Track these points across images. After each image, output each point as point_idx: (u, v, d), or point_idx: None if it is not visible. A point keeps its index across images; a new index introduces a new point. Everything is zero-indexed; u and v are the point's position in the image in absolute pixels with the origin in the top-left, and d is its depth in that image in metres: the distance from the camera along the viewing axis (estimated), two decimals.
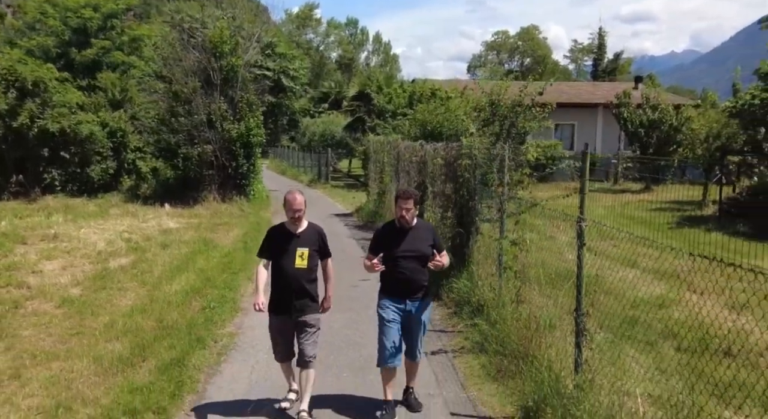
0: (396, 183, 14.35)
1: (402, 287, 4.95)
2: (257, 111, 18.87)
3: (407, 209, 4.94)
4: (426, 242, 5.04)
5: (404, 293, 4.96)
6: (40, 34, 23.37)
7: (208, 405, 5.27)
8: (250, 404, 5.23)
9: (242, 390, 5.59)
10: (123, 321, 7.28)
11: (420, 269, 4.98)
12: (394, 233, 5.05)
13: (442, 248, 5.20)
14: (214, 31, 18.65)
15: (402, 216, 4.96)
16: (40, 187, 18.13)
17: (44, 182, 18.26)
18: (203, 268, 10.19)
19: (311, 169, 34.56)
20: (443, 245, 5.23)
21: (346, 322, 7.58)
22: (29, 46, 22.36)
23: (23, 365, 5.98)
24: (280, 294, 4.97)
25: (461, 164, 8.91)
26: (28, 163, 17.96)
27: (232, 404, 5.28)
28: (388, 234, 5.09)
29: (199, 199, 18.12)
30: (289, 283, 4.92)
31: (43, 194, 18.01)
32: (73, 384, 5.49)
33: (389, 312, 4.97)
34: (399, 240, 4.98)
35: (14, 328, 7.09)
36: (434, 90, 23.57)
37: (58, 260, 10.59)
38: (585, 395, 4.42)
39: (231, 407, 5.21)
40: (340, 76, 65.23)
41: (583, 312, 4.75)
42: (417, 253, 4.96)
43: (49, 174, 18.27)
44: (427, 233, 5.12)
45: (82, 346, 6.48)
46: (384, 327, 4.96)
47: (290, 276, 4.92)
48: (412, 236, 5.01)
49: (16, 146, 17.51)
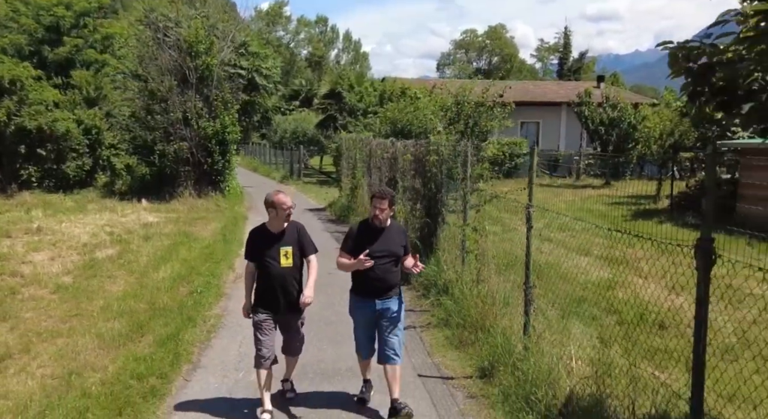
0: (368, 179, 15.08)
1: (373, 286, 4.97)
2: (232, 109, 19.38)
3: (382, 209, 4.96)
4: (399, 243, 5.09)
5: (375, 293, 4.99)
6: (12, 32, 23.42)
7: (202, 374, 5.94)
8: (240, 370, 5.92)
9: (232, 360, 6.26)
10: (117, 304, 7.88)
11: (391, 269, 5.02)
12: (367, 232, 5.05)
13: (409, 250, 5.27)
14: (190, 31, 19.08)
15: (376, 216, 4.97)
16: (16, 183, 18.39)
17: (21, 179, 18.52)
18: (186, 258, 10.78)
19: (283, 166, 35.06)
20: (410, 247, 5.33)
21: (324, 305, 8.26)
22: (2, 43, 22.44)
23: (30, 341, 6.56)
24: (267, 294, 5.01)
25: (429, 159, 9.71)
26: (5, 159, 18.22)
27: (223, 372, 5.96)
28: (362, 233, 5.08)
29: (176, 194, 18.57)
30: (276, 282, 4.96)
31: (19, 190, 18.27)
32: (79, 355, 6.10)
33: (359, 314, 5.10)
34: (372, 239, 4.98)
35: (15, 311, 7.62)
36: (404, 89, 24.33)
37: (45, 252, 11.05)
38: (531, 354, 5.23)
39: (223, 374, 5.90)
40: (311, 73, 65.65)
41: (531, 285, 5.56)
42: (389, 253, 4.99)
43: (25, 171, 18.54)
44: (399, 235, 5.17)
45: (83, 325, 7.07)
46: (357, 326, 5.17)
47: (277, 276, 4.96)
48: (386, 236, 5.03)
49: None
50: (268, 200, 4.97)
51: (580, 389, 4.45)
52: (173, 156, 18.40)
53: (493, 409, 5.01)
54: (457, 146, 8.46)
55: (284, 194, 5.03)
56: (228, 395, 5.44)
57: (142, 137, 18.76)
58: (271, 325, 5.03)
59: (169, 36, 20.15)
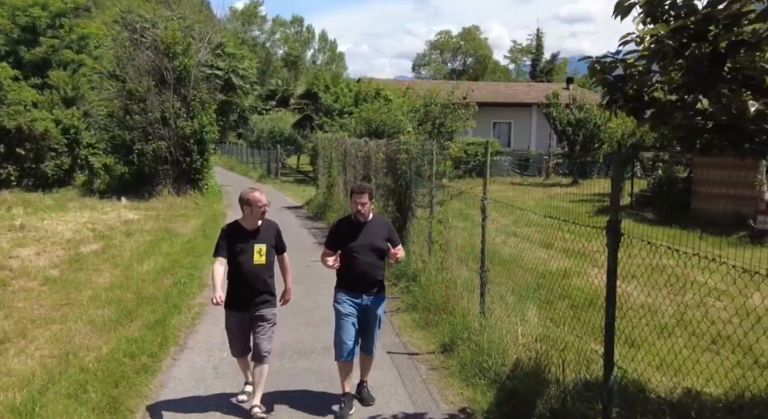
0: (343, 177, 15.67)
1: (358, 281, 5.01)
2: (210, 109, 19.83)
3: (362, 204, 5.01)
4: (381, 236, 5.12)
5: (360, 288, 5.02)
6: None
7: (189, 354, 6.49)
8: (224, 351, 6.49)
9: (216, 343, 6.80)
10: (105, 294, 8.37)
11: (376, 263, 5.06)
12: (350, 228, 5.10)
13: (398, 242, 5.29)
14: (167, 33, 19.47)
15: (358, 211, 5.02)
16: None
17: (0, 178, 18.74)
18: (168, 252, 11.27)
19: (260, 165, 35.45)
20: (398, 239, 5.35)
21: (301, 294, 8.82)
22: None
23: (26, 327, 7.03)
24: (239, 291, 5.02)
25: (400, 158, 10.36)
26: None
27: (208, 352, 6.52)
28: (345, 229, 5.13)
29: (155, 193, 18.96)
30: (248, 279, 4.98)
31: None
32: (74, 339, 6.60)
33: (346, 306, 5.05)
34: (355, 234, 5.03)
35: (8, 301, 8.06)
36: (378, 90, 24.97)
37: (30, 247, 11.44)
38: (485, 329, 5.89)
39: (208, 354, 6.45)
40: (287, 73, 65.94)
41: (486, 269, 6.22)
42: (373, 247, 5.03)
43: (4, 170, 18.79)
44: (382, 228, 5.19)
45: (74, 313, 7.55)
46: (341, 321, 5.07)
47: (249, 273, 4.97)
48: (368, 230, 5.07)
49: None
50: (243, 198, 5.01)
51: (525, 356, 5.11)
52: (152, 155, 18.79)
53: (452, 378, 5.66)
54: (424, 145, 9.11)
55: (259, 192, 5.07)
56: (213, 371, 6.00)
57: (121, 136, 19.12)
58: (242, 323, 5.10)
59: (146, 37, 20.52)
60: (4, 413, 4.77)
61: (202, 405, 5.19)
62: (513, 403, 4.65)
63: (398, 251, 5.14)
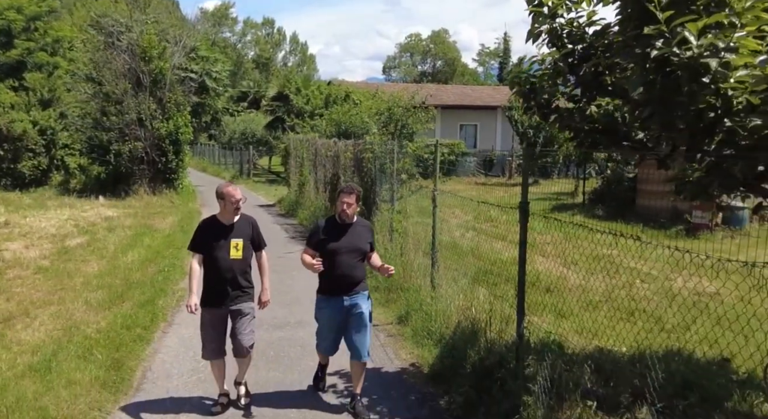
0: (314, 175, 16.58)
1: (339, 282, 4.96)
2: (185, 110, 20.58)
3: (349, 204, 4.98)
4: (365, 238, 5.11)
5: (342, 290, 4.98)
6: None
7: (176, 328, 7.38)
8: None
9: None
10: (96, 281, 9.18)
11: (358, 265, 5.02)
12: (333, 228, 5.05)
13: (374, 248, 5.32)
14: (143, 37, 20.15)
15: (343, 211, 4.98)
16: None
17: None
18: (150, 245, 12.07)
19: (232, 166, 36.12)
20: (375, 245, 5.39)
21: (276, 281, 9.68)
22: None
23: (28, 308, 7.82)
24: (215, 286, 5.00)
25: (365, 157, 11.36)
26: None
27: (195, 326, 7.33)
28: (328, 229, 5.07)
29: (131, 192, 19.64)
30: (224, 274, 4.96)
31: None
32: (74, 316, 7.43)
33: (325, 315, 5.07)
34: (338, 235, 4.99)
35: (6, 287, 8.83)
36: (348, 93, 25.92)
37: (18, 242, 12.12)
38: (434, 301, 6.92)
39: (195, 328, 7.30)
40: (258, 75, 66.46)
41: (436, 250, 7.24)
42: (355, 249, 5.00)
43: None
44: (365, 231, 5.18)
45: (70, 296, 8.36)
46: (322, 329, 5.14)
47: (225, 268, 4.95)
48: (351, 232, 5.03)
49: None
50: (219, 191, 5.04)
51: (463, 318, 6.13)
52: (128, 155, 19.47)
53: (405, 341, 6.68)
54: (386, 145, 10.11)
55: (233, 187, 5.10)
56: (200, 341, 6.90)
57: (98, 137, 19.73)
58: (217, 320, 5.08)
59: (121, 40, 21.16)
60: (25, 371, 5.62)
61: (192, 365, 6.10)
62: (452, 355, 5.67)
63: (389, 268, 5.06)
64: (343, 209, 4.98)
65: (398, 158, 9.65)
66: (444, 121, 33.78)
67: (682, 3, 3.10)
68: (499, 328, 5.56)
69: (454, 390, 5.15)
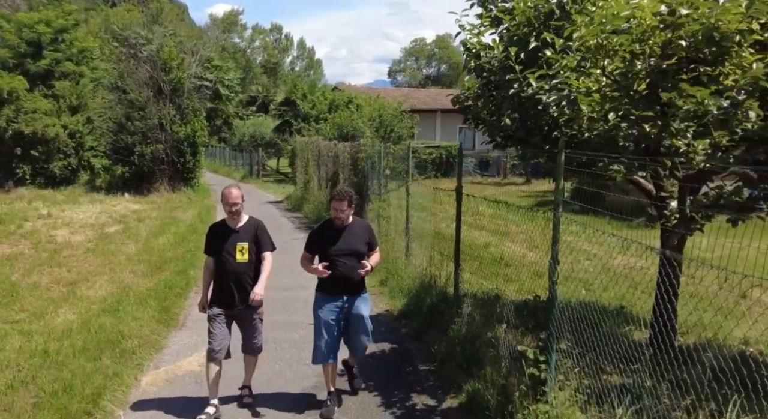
0: (317, 173, 18.61)
1: (338, 283, 5.04)
2: (201, 116, 22.66)
3: (341, 210, 5.06)
4: (362, 239, 5.18)
5: (340, 290, 5.07)
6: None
7: None
8: None
9: None
10: (136, 257, 11.23)
11: (356, 266, 5.06)
12: (330, 232, 5.13)
13: (376, 245, 5.41)
14: (164, 50, 22.26)
15: (338, 217, 5.08)
16: (12, 180, 21.24)
17: (16, 176, 21.37)
18: (176, 232, 14.11)
19: (243, 167, 38.23)
20: (377, 242, 5.48)
21: (282, 257, 11.75)
22: None
23: (87, 276, 9.86)
24: (223, 288, 5.10)
25: (360, 157, 13.36)
26: (3, 160, 21.04)
27: None
28: (325, 232, 5.16)
29: (152, 190, 21.72)
30: (232, 277, 5.05)
31: (15, 187, 21.11)
32: (124, 281, 9.46)
33: (325, 312, 5.11)
34: (335, 238, 5.07)
35: (64, 262, 10.88)
36: (350, 98, 27.97)
37: (63, 229, 14.19)
38: (406, 267, 8.91)
39: None
40: (267, 80, 68.67)
41: (410, 228, 9.24)
42: (352, 250, 5.07)
43: (20, 169, 21.40)
44: (363, 232, 5.25)
45: (118, 268, 10.40)
46: (320, 328, 5.11)
47: (233, 271, 5.05)
48: (348, 233, 5.11)
49: None
50: (221, 194, 5.18)
51: (425, 276, 8.12)
52: (150, 156, 21.56)
53: (383, 296, 8.68)
54: (375, 147, 12.11)
55: (230, 189, 5.15)
56: None
57: (124, 140, 21.83)
58: (224, 320, 5.13)
59: (142, 52, 23.28)
60: (99, 312, 7.65)
61: None
62: (415, 302, 7.66)
63: (371, 259, 5.19)
64: (338, 216, 5.08)
65: (384, 158, 11.64)
66: (444, 124, 35.73)
67: (531, 60, 5.08)
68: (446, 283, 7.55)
69: (413, 321, 7.15)
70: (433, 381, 5.88)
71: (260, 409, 5.24)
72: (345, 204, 5.05)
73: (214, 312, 5.12)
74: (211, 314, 5.12)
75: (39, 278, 9.65)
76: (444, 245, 9.36)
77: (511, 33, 5.65)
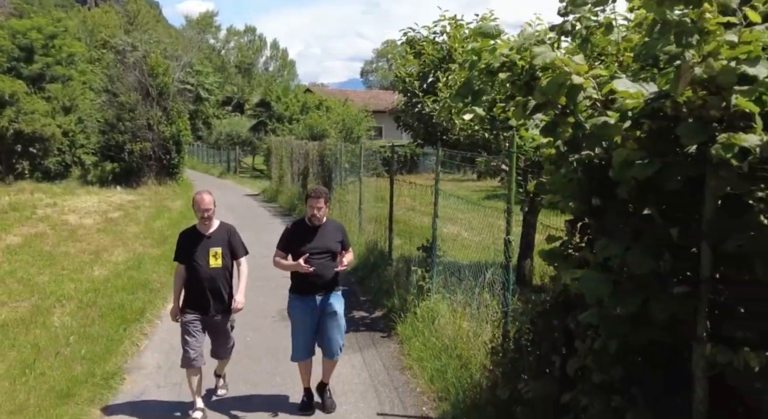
0: (290, 169, 21.23)
1: (311, 283, 5.04)
2: (184, 116, 25.11)
3: (318, 208, 5.04)
4: (335, 239, 5.17)
5: (313, 289, 5.08)
6: None
7: None
8: None
9: None
10: (142, 235, 13.75)
11: (329, 264, 5.08)
12: (304, 231, 5.13)
13: (349, 245, 5.39)
14: (151, 57, 24.65)
15: (314, 215, 5.05)
16: (13, 175, 23.45)
17: (16, 171, 23.58)
18: (170, 217, 16.63)
19: (220, 164, 40.59)
20: (349, 242, 5.46)
21: (261, 236, 14.37)
22: None
23: (105, 247, 12.36)
24: (196, 295, 5.07)
25: (326, 154, 16.06)
26: (4, 156, 23.26)
27: None
28: (298, 232, 5.17)
29: (141, 183, 24.11)
30: (204, 283, 5.03)
31: (15, 180, 23.32)
32: (137, 250, 12.00)
33: (299, 313, 5.17)
34: (309, 238, 5.07)
35: (82, 238, 13.35)
36: (321, 101, 30.64)
37: (72, 215, 16.59)
38: (359, 236, 11.63)
39: None
40: (241, 80, 70.83)
41: (362, 209, 11.97)
42: (326, 249, 5.08)
43: (20, 165, 23.61)
44: (336, 232, 5.24)
45: (129, 242, 12.91)
46: (295, 328, 5.20)
47: (206, 277, 5.02)
48: (322, 233, 5.10)
49: None
50: (192, 200, 5.16)
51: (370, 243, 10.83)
52: (139, 153, 23.94)
53: None
54: (336, 146, 14.81)
55: (202, 195, 5.11)
56: None
57: (114, 138, 24.17)
58: (199, 326, 5.09)
59: (128, 58, 25.63)
60: (125, 269, 10.22)
61: None
62: (363, 262, 10.37)
63: (346, 257, 5.17)
64: (313, 214, 5.06)
65: (343, 155, 14.34)
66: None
67: (430, 89, 7.85)
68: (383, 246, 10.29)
69: (360, 272, 9.87)
70: (368, 304, 8.64)
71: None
72: (321, 201, 5.07)
73: (188, 319, 5.08)
74: (185, 320, 5.08)
75: (67, 249, 12.15)
76: (385, 221, 12.07)
77: (419, 70, 8.40)
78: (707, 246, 2.63)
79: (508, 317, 5.03)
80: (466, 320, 6.25)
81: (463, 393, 5.07)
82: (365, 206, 12.43)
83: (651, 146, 2.80)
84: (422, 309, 7.04)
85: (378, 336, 7.41)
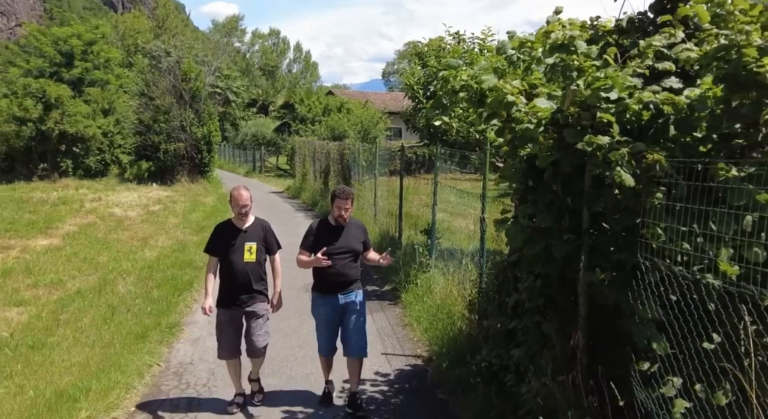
0: (313, 167, 22.79)
1: (334, 282, 5.09)
2: (215, 118, 26.81)
3: (345, 209, 5.08)
4: (358, 239, 5.23)
5: (336, 289, 5.12)
6: (32, 57, 30.16)
7: None
8: None
9: None
10: (181, 225, 15.38)
11: (352, 264, 5.13)
12: (327, 230, 5.13)
13: (371, 245, 5.43)
14: (184, 63, 26.39)
15: (341, 215, 5.08)
16: (57, 172, 25.39)
17: (60, 169, 25.52)
18: (204, 210, 18.28)
19: (246, 163, 42.42)
20: (370, 241, 5.50)
21: (288, 227, 15.91)
22: (27, 67, 29.21)
23: (151, 235, 13.99)
24: (230, 288, 5.14)
25: (345, 153, 17.59)
26: (50, 155, 25.20)
27: None
28: (322, 231, 5.16)
29: (175, 181, 25.87)
30: (239, 277, 5.10)
31: (60, 177, 25.25)
32: (179, 238, 13.61)
33: (321, 312, 5.23)
34: (333, 237, 5.08)
35: (128, 228, 15.01)
36: (342, 103, 32.20)
37: (116, 208, 18.32)
38: (374, 225, 13.11)
39: None
40: (266, 82, 72.84)
41: (377, 202, 13.44)
42: (349, 249, 5.13)
43: (64, 163, 25.55)
44: (358, 231, 5.29)
45: (171, 231, 14.54)
46: (319, 326, 5.29)
47: (240, 270, 5.09)
48: (346, 233, 5.14)
49: (42, 143, 24.79)
50: (230, 195, 5.24)
51: (383, 231, 12.28)
52: (173, 153, 25.71)
53: None
54: (355, 145, 16.31)
55: (239, 190, 5.21)
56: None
57: (150, 139, 25.97)
58: (231, 325, 5.23)
59: (162, 63, 27.41)
60: (171, 251, 11.81)
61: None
62: (377, 245, 11.83)
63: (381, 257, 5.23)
64: (340, 214, 5.09)
65: (360, 154, 15.82)
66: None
67: (432, 95, 9.28)
68: (398, 235, 11.75)
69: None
70: (379, 281, 10.12)
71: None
72: (349, 203, 5.11)
73: (221, 319, 5.23)
74: (219, 320, 5.24)
75: (117, 236, 13.83)
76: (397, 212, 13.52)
77: (423, 79, 9.86)
78: (586, 209, 4.05)
79: (482, 277, 6.46)
80: (455, 285, 7.70)
81: (447, 336, 6.52)
82: (379, 201, 13.90)
83: (556, 143, 4.23)
84: (422, 280, 8.50)
85: (386, 303, 8.90)
